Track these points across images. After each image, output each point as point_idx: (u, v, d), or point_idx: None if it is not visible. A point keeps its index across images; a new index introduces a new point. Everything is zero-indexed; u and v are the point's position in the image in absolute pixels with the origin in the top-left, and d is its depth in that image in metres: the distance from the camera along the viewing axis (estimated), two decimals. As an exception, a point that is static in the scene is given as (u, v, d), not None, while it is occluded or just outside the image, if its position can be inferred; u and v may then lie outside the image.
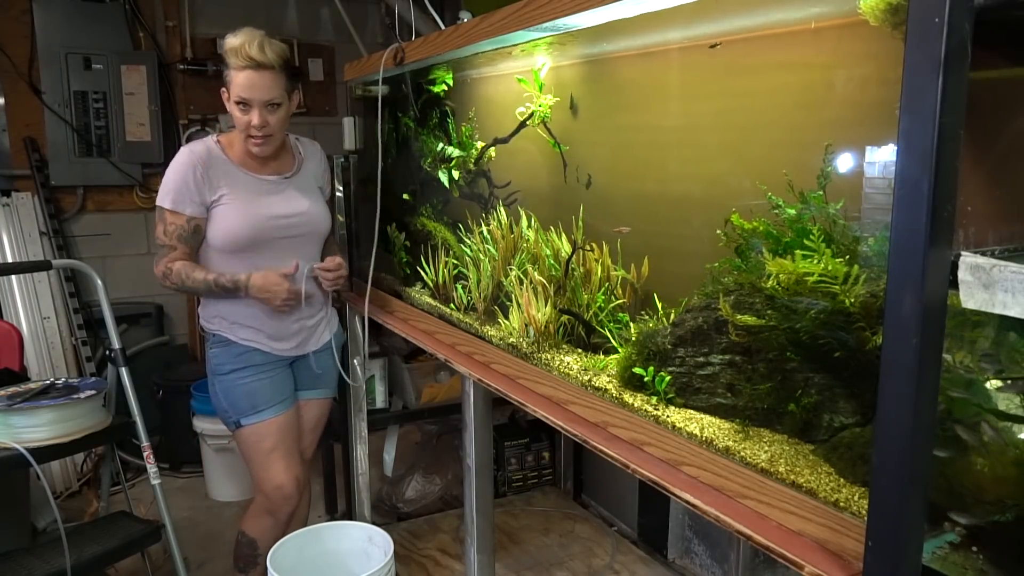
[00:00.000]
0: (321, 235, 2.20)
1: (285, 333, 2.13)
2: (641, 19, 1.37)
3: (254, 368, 2.11)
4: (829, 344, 1.08)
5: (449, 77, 2.32)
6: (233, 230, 2.02)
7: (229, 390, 2.11)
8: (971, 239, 0.86)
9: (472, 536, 1.93)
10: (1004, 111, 0.95)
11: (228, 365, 2.10)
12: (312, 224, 2.15)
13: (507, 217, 1.96)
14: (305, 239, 2.14)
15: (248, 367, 2.10)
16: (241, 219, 2.02)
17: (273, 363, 2.13)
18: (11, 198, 3.49)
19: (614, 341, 1.54)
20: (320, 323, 2.24)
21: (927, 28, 0.74)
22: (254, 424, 2.10)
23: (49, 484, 2.11)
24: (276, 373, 2.14)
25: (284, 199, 2.10)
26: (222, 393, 2.12)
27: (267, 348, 2.12)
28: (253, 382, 2.10)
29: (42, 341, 3.39)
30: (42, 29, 3.52)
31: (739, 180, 1.34)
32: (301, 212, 2.11)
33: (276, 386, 2.13)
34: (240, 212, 2.02)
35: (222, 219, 2.02)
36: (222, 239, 2.03)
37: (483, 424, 1.89)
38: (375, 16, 4.24)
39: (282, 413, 2.14)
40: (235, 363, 2.10)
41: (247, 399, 2.10)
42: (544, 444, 3.34)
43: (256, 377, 2.11)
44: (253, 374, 2.11)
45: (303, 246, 2.14)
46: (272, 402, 2.12)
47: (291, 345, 2.16)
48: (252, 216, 2.03)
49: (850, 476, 1.03)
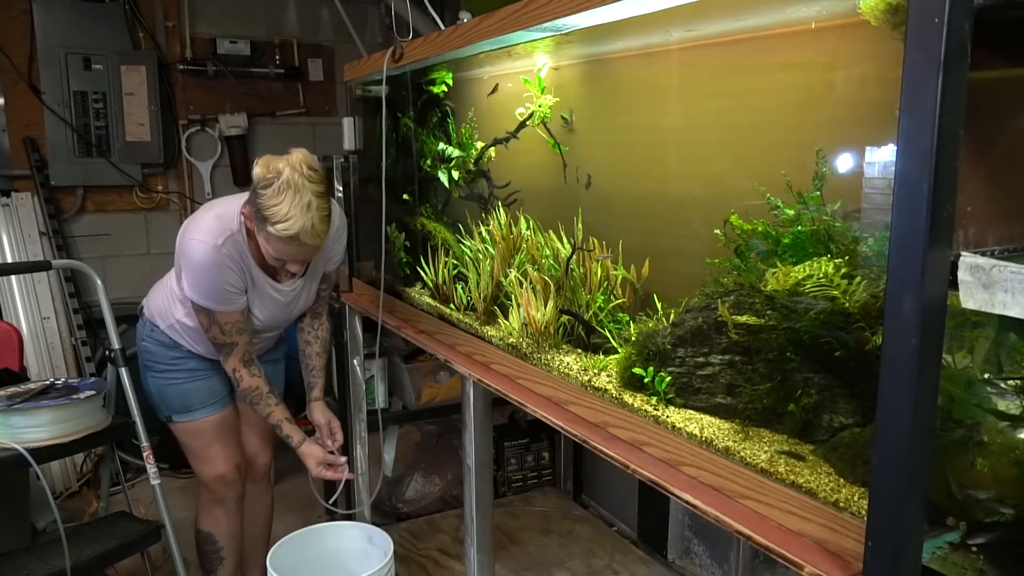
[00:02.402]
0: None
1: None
2: (641, 19, 1.37)
3: (188, 372, 2.10)
4: (829, 344, 1.08)
5: (449, 77, 2.32)
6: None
7: (160, 388, 2.11)
8: (971, 239, 0.86)
9: (472, 536, 1.93)
10: (1004, 111, 0.95)
11: (162, 364, 2.10)
12: (303, 311, 2.17)
13: (507, 217, 1.96)
14: (293, 318, 2.18)
15: (182, 370, 2.10)
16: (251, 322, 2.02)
17: (207, 368, 2.12)
18: (11, 198, 3.48)
19: (614, 341, 1.54)
20: (271, 344, 2.26)
21: (927, 28, 0.74)
22: (186, 423, 2.12)
23: (49, 484, 2.10)
24: (211, 375, 2.13)
25: (293, 301, 2.07)
26: (154, 387, 2.13)
27: (206, 354, 2.10)
28: (186, 383, 2.10)
29: (42, 341, 3.39)
30: (42, 29, 3.51)
31: (739, 181, 1.34)
32: (294, 313, 2.12)
33: (210, 387, 2.13)
34: (252, 315, 2.01)
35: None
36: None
37: (483, 424, 1.88)
38: (375, 16, 4.23)
39: (215, 413, 2.14)
40: (170, 364, 2.10)
41: (179, 399, 2.11)
42: (544, 444, 3.34)
43: (190, 378, 2.10)
44: (187, 377, 2.10)
45: (289, 323, 2.20)
46: (205, 403, 2.12)
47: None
48: (258, 320, 2.02)
49: (850, 476, 1.03)
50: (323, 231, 1.75)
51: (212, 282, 1.85)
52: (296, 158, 1.73)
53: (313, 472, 2.05)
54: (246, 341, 1.97)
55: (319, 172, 1.75)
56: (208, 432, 2.13)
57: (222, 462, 2.15)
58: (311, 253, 1.85)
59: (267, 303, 2.00)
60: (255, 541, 2.37)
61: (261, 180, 1.71)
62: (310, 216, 1.70)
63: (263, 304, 1.99)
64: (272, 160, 1.73)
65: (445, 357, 1.98)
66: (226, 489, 2.18)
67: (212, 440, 2.14)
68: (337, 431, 2.16)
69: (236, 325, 1.93)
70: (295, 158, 1.73)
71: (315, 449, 2.05)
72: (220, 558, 2.22)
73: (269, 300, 1.99)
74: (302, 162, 1.73)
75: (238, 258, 1.87)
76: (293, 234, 1.70)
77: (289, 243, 1.74)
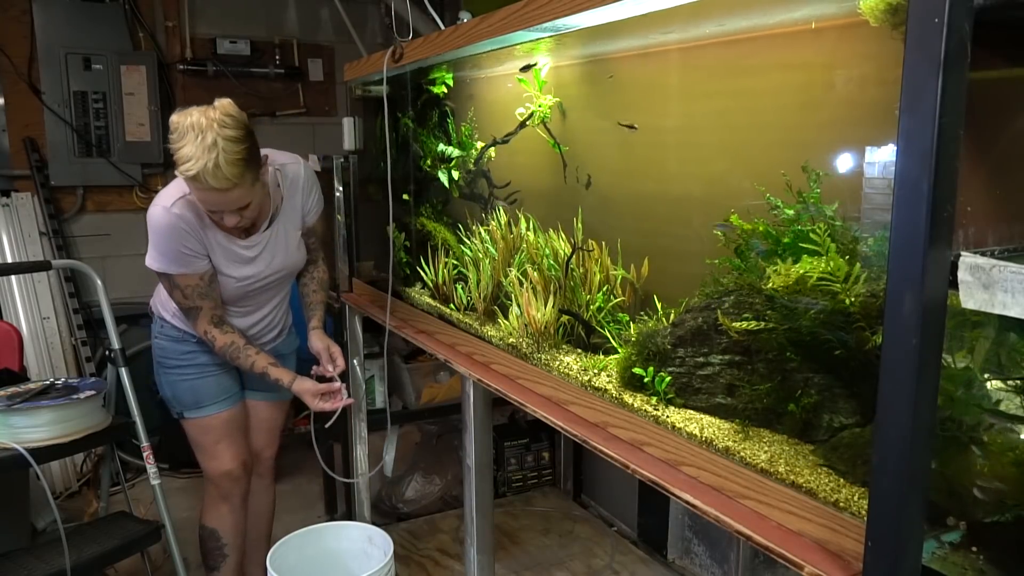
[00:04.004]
0: (299, 269, 2.20)
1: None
2: (641, 19, 1.37)
3: (199, 368, 2.12)
4: (829, 344, 1.08)
5: (449, 77, 2.32)
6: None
7: (174, 383, 2.13)
8: (971, 239, 0.86)
9: (472, 536, 1.93)
10: (1004, 111, 0.95)
11: (173, 360, 2.12)
12: (289, 270, 2.15)
13: (507, 217, 1.96)
14: (284, 279, 2.16)
15: (193, 365, 2.11)
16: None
17: (218, 364, 2.13)
18: (11, 198, 3.48)
19: (614, 341, 1.54)
20: (277, 334, 2.25)
21: (927, 28, 0.74)
22: (197, 418, 2.14)
23: (49, 484, 2.11)
24: (221, 371, 2.14)
25: (261, 260, 2.03)
26: (167, 384, 2.15)
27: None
28: (197, 379, 2.12)
29: (42, 341, 3.39)
30: (42, 29, 3.51)
31: (739, 180, 1.34)
32: (277, 270, 2.08)
33: (221, 383, 2.15)
34: (227, 276, 2.00)
35: None
36: None
37: (483, 424, 1.88)
38: (375, 16, 4.23)
39: (226, 409, 2.16)
40: (181, 360, 2.11)
41: (191, 395, 2.12)
42: (544, 444, 3.34)
43: (200, 375, 2.12)
44: (198, 373, 2.12)
45: (282, 286, 2.18)
46: (216, 399, 2.14)
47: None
48: (227, 284, 2.00)
49: (850, 476, 1.03)
50: (232, 174, 1.70)
51: (167, 244, 1.87)
52: (215, 105, 1.74)
53: (312, 406, 2.04)
54: (211, 305, 1.97)
55: (237, 119, 1.74)
56: (217, 428, 2.15)
57: (229, 459, 2.17)
58: (229, 199, 1.78)
59: (235, 261, 1.99)
60: (256, 539, 2.37)
61: (172, 124, 1.72)
62: (213, 156, 1.67)
63: (231, 261, 1.98)
64: (190, 108, 1.74)
65: (445, 357, 1.98)
66: (232, 485, 2.19)
67: (221, 436, 2.16)
68: (337, 356, 2.14)
69: (198, 288, 1.94)
70: (213, 105, 1.74)
71: (308, 384, 2.04)
72: (223, 555, 2.22)
73: (236, 257, 1.98)
74: (219, 108, 1.72)
75: (192, 218, 1.87)
76: (193, 174, 1.68)
77: (196, 187, 1.73)
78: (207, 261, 1.94)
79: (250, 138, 1.77)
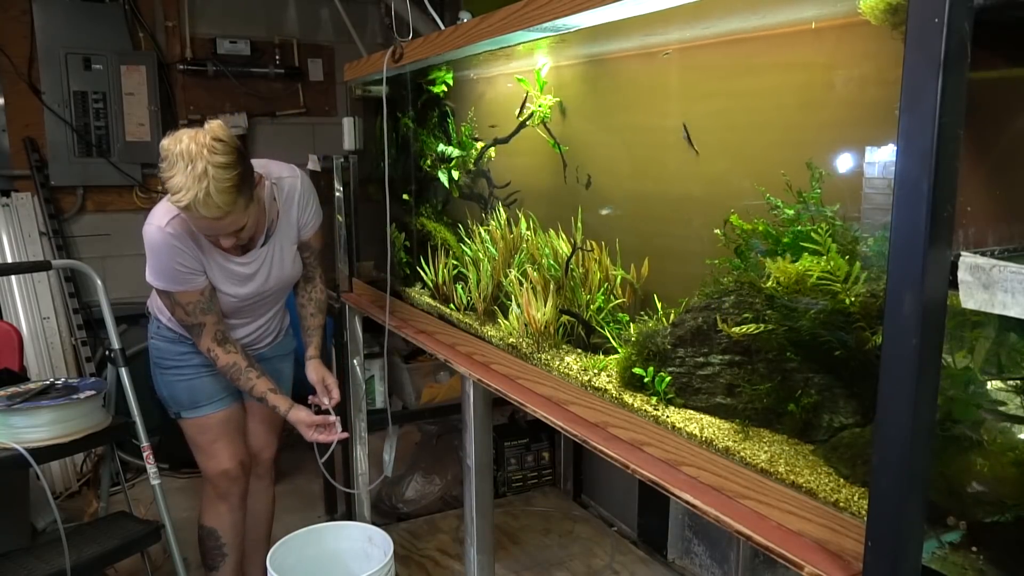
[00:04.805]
0: (296, 280, 2.20)
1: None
2: (641, 19, 1.37)
3: (195, 368, 2.12)
4: (829, 344, 1.08)
5: (449, 77, 2.32)
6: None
7: (171, 384, 2.13)
8: (971, 239, 0.86)
9: (472, 536, 1.93)
10: (1004, 111, 0.95)
11: (170, 360, 2.12)
12: (286, 283, 2.14)
13: (507, 217, 1.96)
14: (281, 292, 2.17)
15: (190, 365, 2.11)
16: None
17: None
18: (11, 198, 3.48)
19: (614, 341, 1.54)
20: (274, 338, 2.25)
21: (927, 28, 0.74)
22: (194, 418, 2.14)
23: (49, 484, 2.11)
24: (218, 371, 2.12)
25: (258, 277, 2.02)
26: (163, 385, 2.15)
27: None
28: (194, 379, 2.12)
29: (42, 341, 3.39)
30: (42, 29, 3.51)
31: (739, 180, 1.34)
32: (272, 286, 2.08)
33: (217, 383, 2.14)
34: (224, 293, 2.00)
35: None
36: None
37: (483, 424, 1.88)
38: (375, 16, 4.23)
39: (222, 409, 2.16)
40: (178, 360, 2.11)
41: (187, 395, 2.12)
42: (544, 444, 3.34)
43: (196, 374, 2.12)
44: (194, 373, 2.12)
45: (278, 297, 2.18)
46: (213, 398, 2.14)
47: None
48: (225, 300, 2.00)
49: (850, 476, 1.03)
50: (223, 202, 1.68)
51: (163, 263, 1.86)
52: (205, 129, 1.70)
53: (307, 436, 2.04)
54: (214, 320, 1.97)
55: (227, 144, 1.70)
56: (215, 428, 2.15)
57: (227, 458, 2.17)
58: (222, 225, 1.76)
59: (233, 278, 1.98)
60: (256, 539, 2.38)
61: (163, 151, 1.69)
62: (204, 186, 1.64)
63: (228, 280, 1.98)
64: (180, 132, 1.71)
65: (445, 357, 1.98)
66: (230, 485, 2.19)
67: (218, 436, 2.16)
68: (333, 388, 2.14)
69: (199, 305, 1.93)
70: (203, 129, 1.70)
71: (303, 414, 2.04)
72: (223, 555, 2.22)
73: (233, 275, 1.98)
74: (208, 133, 1.69)
75: (187, 237, 1.86)
76: (185, 205, 1.66)
77: (190, 216, 1.72)
78: (205, 277, 1.93)
79: (242, 162, 1.74)
